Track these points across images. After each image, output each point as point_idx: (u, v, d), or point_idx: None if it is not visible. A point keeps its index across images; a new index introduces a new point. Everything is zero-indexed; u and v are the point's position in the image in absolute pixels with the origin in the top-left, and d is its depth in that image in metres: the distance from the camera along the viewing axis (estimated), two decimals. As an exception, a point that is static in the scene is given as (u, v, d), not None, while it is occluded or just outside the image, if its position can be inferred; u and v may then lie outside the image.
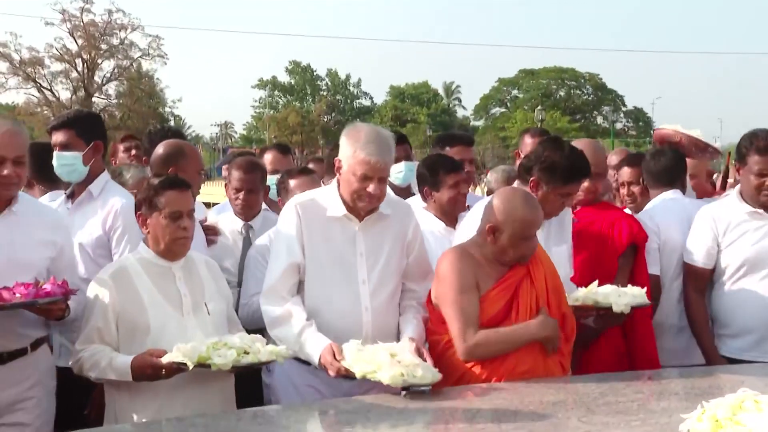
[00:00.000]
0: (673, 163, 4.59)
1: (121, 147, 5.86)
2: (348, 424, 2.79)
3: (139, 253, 3.33)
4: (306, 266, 3.41)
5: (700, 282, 4.15)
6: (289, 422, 2.93)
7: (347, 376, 3.06)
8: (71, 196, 3.94)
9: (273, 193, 4.92)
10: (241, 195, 4.45)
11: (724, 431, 2.43)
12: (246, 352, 2.96)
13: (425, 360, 3.12)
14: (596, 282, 3.67)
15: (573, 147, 3.80)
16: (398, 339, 3.40)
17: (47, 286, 3.06)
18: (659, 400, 3.03)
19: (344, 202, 3.42)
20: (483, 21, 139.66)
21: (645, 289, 3.67)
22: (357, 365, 2.99)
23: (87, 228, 3.75)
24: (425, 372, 2.97)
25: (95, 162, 3.90)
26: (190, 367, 2.90)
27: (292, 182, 4.38)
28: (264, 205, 4.72)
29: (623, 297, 3.59)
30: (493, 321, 3.36)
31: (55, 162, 3.87)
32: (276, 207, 4.64)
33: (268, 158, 5.42)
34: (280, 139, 50.68)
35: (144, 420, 3.10)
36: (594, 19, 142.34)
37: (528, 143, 5.13)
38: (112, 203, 3.79)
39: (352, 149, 3.33)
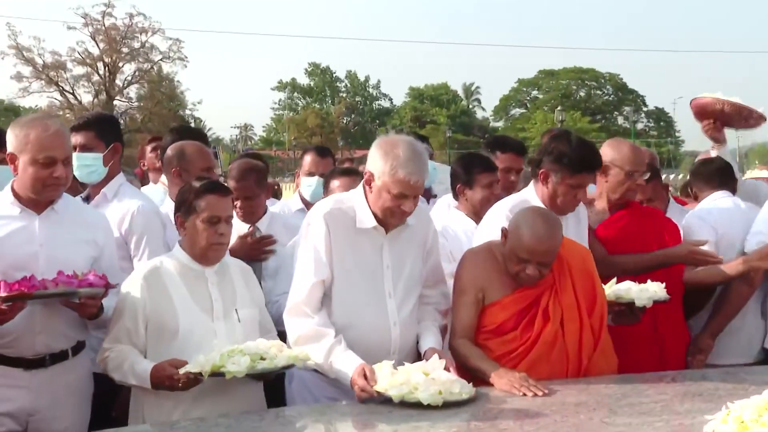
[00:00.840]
0: (724, 166, 4.64)
1: (148, 148, 5.87)
2: (370, 424, 2.79)
3: (174, 254, 3.31)
4: (334, 278, 3.30)
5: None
6: (312, 422, 2.93)
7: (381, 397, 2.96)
8: (87, 199, 3.95)
9: (312, 193, 4.97)
10: (238, 203, 4.28)
11: (750, 432, 2.42)
12: (262, 358, 2.91)
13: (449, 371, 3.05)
14: (615, 279, 3.64)
15: (581, 138, 3.83)
16: (417, 347, 3.40)
17: (89, 277, 3.05)
18: (683, 402, 3.00)
19: (374, 213, 3.31)
20: (502, 22, 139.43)
21: (663, 284, 3.63)
22: (393, 389, 2.89)
23: None
24: (462, 387, 2.93)
25: (113, 164, 3.92)
26: (205, 377, 2.88)
27: (335, 182, 4.26)
28: (273, 202, 4.68)
29: (644, 292, 3.57)
30: (500, 329, 3.35)
31: (75, 163, 3.82)
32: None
33: (306, 160, 5.29)
34: (300, 141, 50.78)
35: (169, 422, 3.09)
36: (614, 19, 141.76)
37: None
38: (127, 206, 3.80)
39: (388, 166, 3.19)
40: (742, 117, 4.62)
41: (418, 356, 3.34)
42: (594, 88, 76.26)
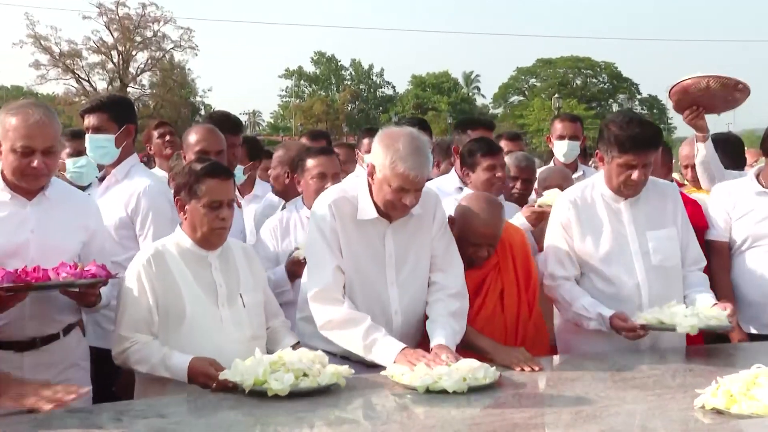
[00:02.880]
0: (736, 149, 4.70)
1: (155, 133, 5.78)
2: (404, 403, 2.71)
3: (175, 238, 3.17)
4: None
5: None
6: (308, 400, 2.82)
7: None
8: (101, 179, 3.92)
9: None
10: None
11: (738, 405, 2.44)
12: (305, 374, 2.71)
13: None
14: (674, 301, 3.42)
15: (634, 117, 3.55)
16: (426, 339, 3.33)
17: (91, 268, 2.92)
18: (675, 377, 3.01)
19: (375, 205, 3.25)
20: (502, 11, 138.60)
21: (728, 310, 3.33)
22: (418, 379, 2.79)
23: (111, 210, 3.66)
24: (486, 372, 2.86)
25: (126, 146, 3.85)
26: (246, 391, 2.66)
27: (310, 161, 4.16)
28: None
29: (691, 318, 3.24)
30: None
31: (87, 144, 3.84)
32: (291, 187, 4.45)
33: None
34: (306, 127, 50.69)
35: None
36: (610, 10, 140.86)
37: (558, 128, 5.49)
38: (135, 186, 3.72)
39: (389, 159, 3.10)
40: (728, 91, 4.31)
41: (422, 347, 3.20)
42: (590, 76, 75.91)
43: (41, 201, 3.12)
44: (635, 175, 3.45)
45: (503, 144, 5.25)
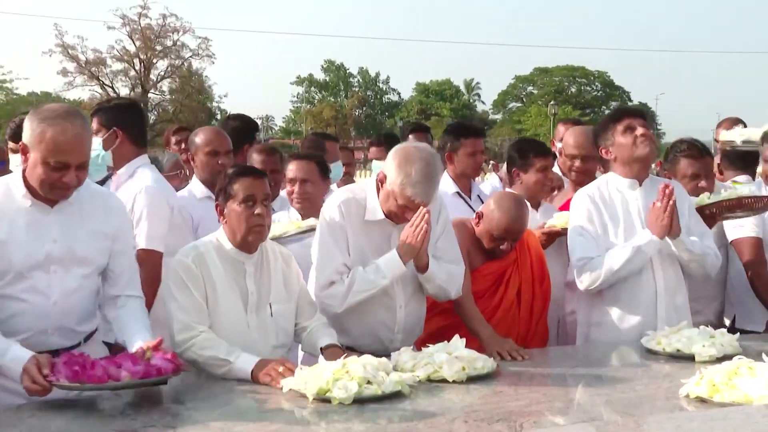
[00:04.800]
0: (749, 152, 4.46)
1: (173, 138, 5.72)
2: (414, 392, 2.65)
3: (217, 240, 3.02)
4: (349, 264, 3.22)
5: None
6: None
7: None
8: (107, 179, 3.83)
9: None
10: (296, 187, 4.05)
11: (720, 395, 2.44)
12: (369, 382, 2.56)
13: None
14: (685, 322, 3.33)
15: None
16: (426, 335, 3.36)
17: (157, 361, 2.54)
18: (662, 367, 3.00)
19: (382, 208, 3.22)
20: (501, 23, 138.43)
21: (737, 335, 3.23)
22: (419, 369, 2.78)
23: None
24: (484, 362, 2.85)
25: (119, 147, 3.65)
26: (310, 399, 2.52)
27: (255, 156, 4.23)
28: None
29: (709, 348, 3.04)
30: (476, 296, 3.49)
31: None
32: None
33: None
34: (316, 131, 50.76)
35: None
36: (603, 21, 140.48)
37: (561, 131, 5.45)
38: (136, 186, 3.55)
39: (399, 180, 3.06)
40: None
41: (422, 341, 3.23)
42: (584, 84, 75.74)
43: (64, 207, 2.78)
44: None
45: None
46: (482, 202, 4.37)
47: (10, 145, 4.10)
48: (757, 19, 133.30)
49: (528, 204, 3.76)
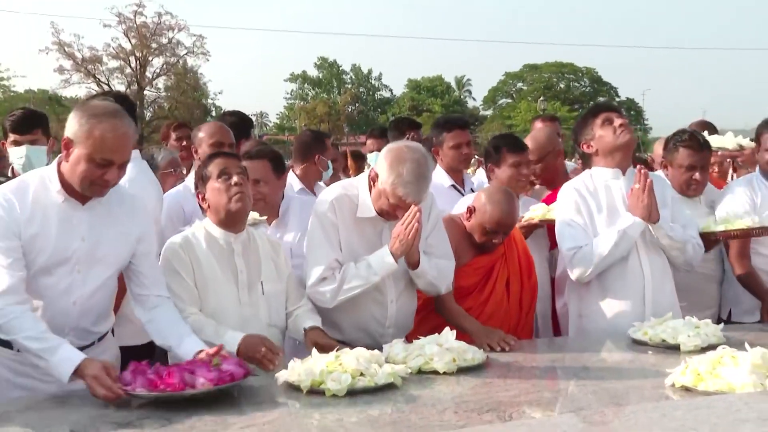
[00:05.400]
0: None
1: (172, 135, 5.58)
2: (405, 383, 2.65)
3: (202, 226, 3.08)
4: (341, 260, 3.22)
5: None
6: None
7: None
8: None
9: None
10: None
11: (705, 384, 2.45)
12: (362, 374, 2.57)
13: None
14: (670, 314, 3.33)
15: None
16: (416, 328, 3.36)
17: (228, 367, 2.51)
18: (649, 357, 3.02)
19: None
20: (491, 20, 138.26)
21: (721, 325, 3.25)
22: (411, 360, 2.79)
23: None
24: (474, 354, 2.85)
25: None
26: (304, 391, 2.53)
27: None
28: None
29: (694, 338, 3.06)
30: (464, 289, 3.51)
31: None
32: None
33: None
34: (310, 127, 50.69)
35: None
36: (591, 18, 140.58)
37: (538, 127, 5.36)
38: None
39: (390, 180, 3.05)
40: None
41: (413, 335, 3.23)
42: (573, 80, 75.79)
43: (94, 206, 2.74)
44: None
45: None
46: None
47: (12, 138, 4.04)
48: (743, 17, 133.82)
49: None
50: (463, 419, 2.28)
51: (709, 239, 3.70)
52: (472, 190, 4.59)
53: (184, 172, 4.75)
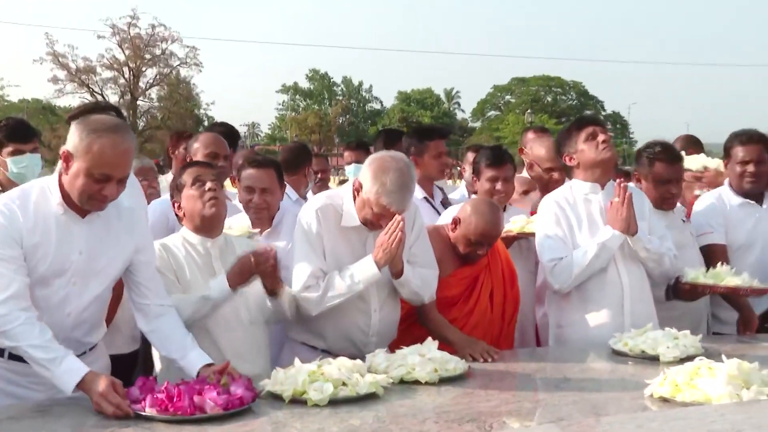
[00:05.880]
0: None
1: (182, 144, 4.97)
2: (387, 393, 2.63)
3: (180, 234, 3.12)
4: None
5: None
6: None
7: None
8: None
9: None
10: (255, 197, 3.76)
11: (682, 394, 2.45)
12: (344, 384, 2.55)
13: None
14: (650, 324, 3.33)
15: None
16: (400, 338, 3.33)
17: (237, 390, 2.44)
18: (629, 368, 3.01)
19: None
20: (480, 34, 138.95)
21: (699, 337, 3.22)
22: (393, 370, 2.76)
23: None
24: (456, 364, 2.83)
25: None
26: (287, 401, 2.50)
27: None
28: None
29: (673, 350, 3.06)
30: (448, 300, 3.48)
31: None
32: None
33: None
34: (301, 138, 50.74)
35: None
36: (578, 34, 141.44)
37: (530, 138, 5.26)
38: None
39: (374, 190, 3.03)
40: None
41: (395, 344, 3.19)
42: (560, 94, 76.16)
43: (93, 219, 2.68)
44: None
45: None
46: (444, 207, 4.40)
47: (12, 147, 3.86)
48: (727, 32, 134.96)
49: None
50: (444, 429, 2.26)
51: (695, 290, 3.60)
52: (442, 203, 4.58)
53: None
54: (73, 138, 2.57)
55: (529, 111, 54.54)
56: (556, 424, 2.20)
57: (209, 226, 3.07)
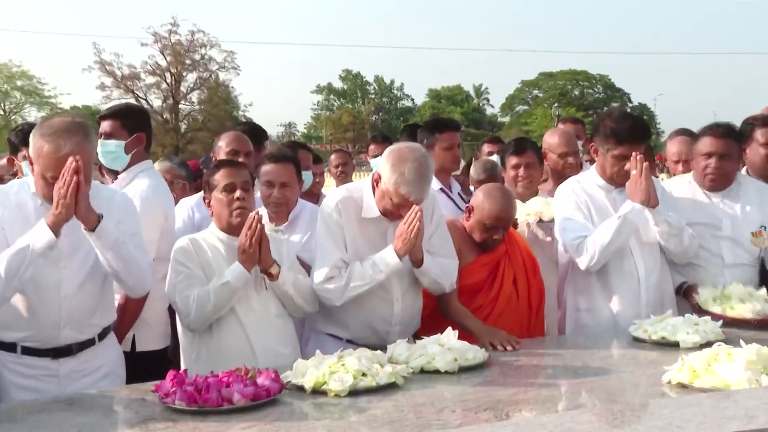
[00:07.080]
0: None
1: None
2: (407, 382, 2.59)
3: (209, 231, 3.12)
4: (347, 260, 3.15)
5: None
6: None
7: None
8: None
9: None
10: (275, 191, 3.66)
11: (700, 380, 2.38)
12: (364, 374, 2.52)
13: None
14: (670, 311, 3.24)
15: (626, 112, 3.63)
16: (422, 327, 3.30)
17: (264, 382, 2.42)
18: (648, 354, 2.93)
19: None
20: (508, 30, 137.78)
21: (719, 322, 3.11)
22: (413, 361, 2.72)
23: None
24: (475, 353, 2.78)
25: (137, 152, 3.48)
26: (308, 392, 2.48)
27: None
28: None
29: (693, 336, 2.98)
30: (471, 288, 3.43)
31: (99, 149, 3.43)
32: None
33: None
34: (336, 137, 50.85)
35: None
36: (604, 27, 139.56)
37: (561, 128, 5.24)
38: (134, 189, 3.35)
39: (393, 179, 3.01)
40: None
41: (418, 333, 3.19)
42: (586, 87, 75.22)
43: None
44: (627, 165, 3.38)
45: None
46: (462, 199, 4.37)
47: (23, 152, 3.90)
48: (751, 21, 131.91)
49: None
50: (461, 418, 2.22)
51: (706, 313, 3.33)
52: (460, 195, 4.54)
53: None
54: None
55: (556, 105, 53.96)
56: (566, 412, 2.14)
57: (234, 229, 3.05)
